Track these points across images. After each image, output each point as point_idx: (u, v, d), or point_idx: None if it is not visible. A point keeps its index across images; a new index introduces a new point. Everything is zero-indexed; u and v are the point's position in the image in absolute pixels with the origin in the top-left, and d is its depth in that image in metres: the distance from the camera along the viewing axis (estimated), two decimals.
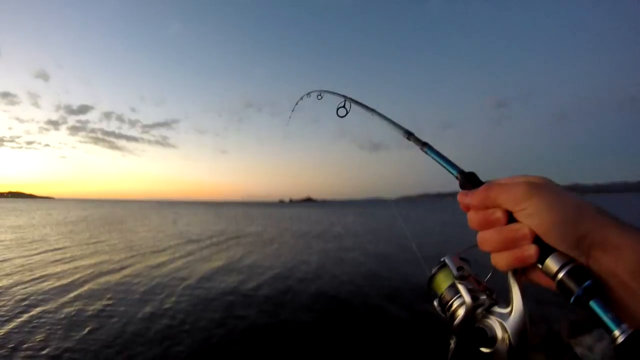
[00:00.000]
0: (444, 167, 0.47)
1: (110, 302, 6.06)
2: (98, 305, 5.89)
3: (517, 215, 0.35)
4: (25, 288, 6.82)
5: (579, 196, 0.34)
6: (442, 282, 0.43)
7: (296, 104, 1.04)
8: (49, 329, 4.77)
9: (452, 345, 0.41)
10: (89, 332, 4.72)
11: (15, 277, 7.69)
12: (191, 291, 6.82)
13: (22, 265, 8.97)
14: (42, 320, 5.13)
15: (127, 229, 20.87)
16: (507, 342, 0.35)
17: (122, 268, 8.92)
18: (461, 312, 0.39)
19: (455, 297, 0.41)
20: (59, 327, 4.87)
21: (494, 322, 0.37)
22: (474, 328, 0.38)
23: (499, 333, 0.36)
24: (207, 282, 7.53)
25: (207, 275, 8.19)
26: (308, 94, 0.96)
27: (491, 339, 0.36)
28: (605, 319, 0.28)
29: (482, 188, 0.38)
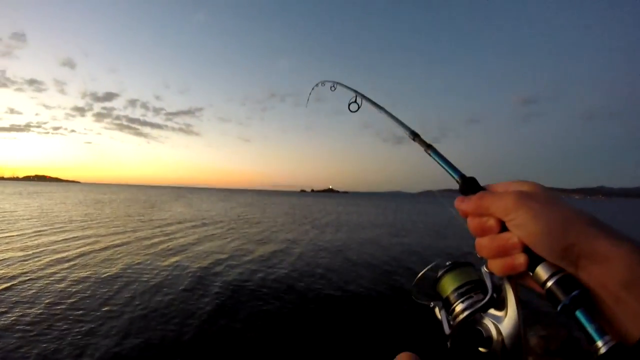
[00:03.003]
0: (446, 170, 0.47)
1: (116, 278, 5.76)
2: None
3: (507, 225, 0.35)
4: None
5: (571, 204, 0.34)
6: (448, 285, 0.44)
7: (312, 89, 1.12)
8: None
9: (449, 344, 0.42)
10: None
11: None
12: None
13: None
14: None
15: (141, 211, 21.23)
16: (501, 343, 0.37)
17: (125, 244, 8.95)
18: (463, 315, 0.41)
19: (458, 301, 0.42)
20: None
21: (489, 324, 0.39)
22: (471, 329, 0.40)
23: (494, 334, 0.38)
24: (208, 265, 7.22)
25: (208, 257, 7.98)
26: (323, 83, 1.01)
27: (487, 340, 0.38)
28: (590, 329, 0.29)
29: (476, 196, 0.39)
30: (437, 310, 0.46)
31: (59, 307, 4.91)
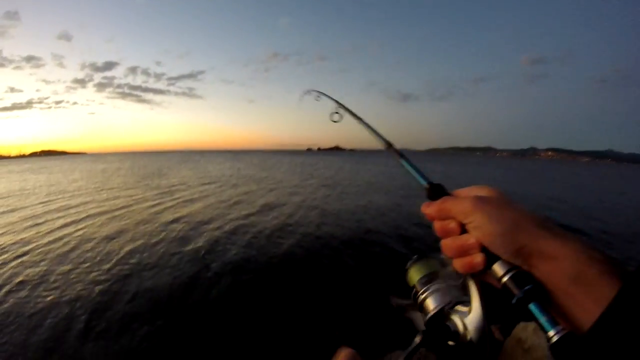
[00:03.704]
0: (415, 177, 0.50)
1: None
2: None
3: (467, 227, 0.40)
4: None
5: (523, 207, 0.38)
6: (415, 275, 0.48)
7: (300, 99, 1.15)
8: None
9: (417, 339, 0.44)
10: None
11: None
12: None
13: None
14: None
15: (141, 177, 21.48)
16: (467, 337, 0.39)
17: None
18: (430, 306, 0.44)
19: (424, 290, 0.45)
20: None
21: (456, 319, 0.41)
22: (440, 324, 0.42)
23: (461, 329, 0.40)
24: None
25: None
26: (309, 92, 1.03)
27: (455, 334, 0.41)
28: (542, 320, 0.32)
29: (439, 201, 0.43)
30: (409, 310, 0.46)
31: (67, 265, 5.22)
